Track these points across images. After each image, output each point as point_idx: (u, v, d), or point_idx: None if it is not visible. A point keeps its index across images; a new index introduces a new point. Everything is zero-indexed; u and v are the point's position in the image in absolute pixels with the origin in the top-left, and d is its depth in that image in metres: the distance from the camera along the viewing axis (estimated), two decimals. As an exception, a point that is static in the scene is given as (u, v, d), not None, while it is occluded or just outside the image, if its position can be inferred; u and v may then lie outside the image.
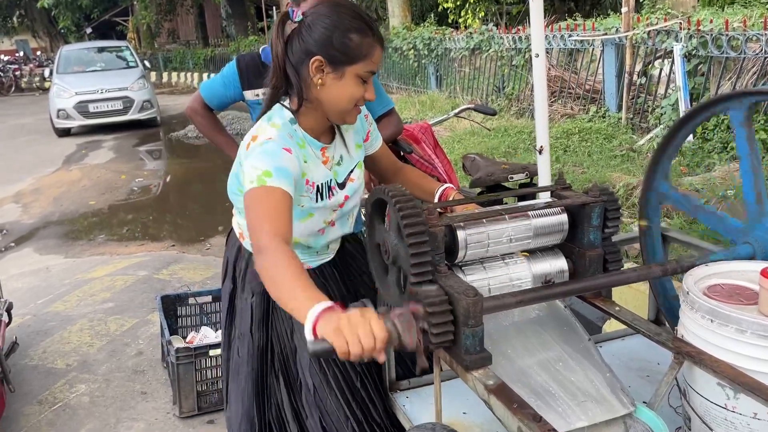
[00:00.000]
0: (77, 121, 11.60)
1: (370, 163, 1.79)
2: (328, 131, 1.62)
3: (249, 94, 2.32)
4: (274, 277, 1.24)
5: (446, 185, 1.75)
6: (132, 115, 11.81)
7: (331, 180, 1.59)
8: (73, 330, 3.67)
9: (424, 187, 1.77)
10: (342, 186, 1.63)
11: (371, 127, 1.75)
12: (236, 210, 1.71)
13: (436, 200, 1.72)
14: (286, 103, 1.54)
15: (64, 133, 11.75)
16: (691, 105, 5.85)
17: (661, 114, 6.20)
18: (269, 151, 1.43)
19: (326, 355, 1.08)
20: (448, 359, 1.26)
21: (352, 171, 1.66)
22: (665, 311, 1.75)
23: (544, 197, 1.60)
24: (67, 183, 8.16)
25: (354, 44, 1.43)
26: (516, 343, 1.45)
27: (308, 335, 1.10)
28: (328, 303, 1.12)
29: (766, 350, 1.11)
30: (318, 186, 1.56)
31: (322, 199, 1.57)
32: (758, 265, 1.25)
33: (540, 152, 2.20)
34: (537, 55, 2.30)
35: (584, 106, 7.53)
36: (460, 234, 1.35)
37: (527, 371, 1.39)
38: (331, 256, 1.74)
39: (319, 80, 1.45)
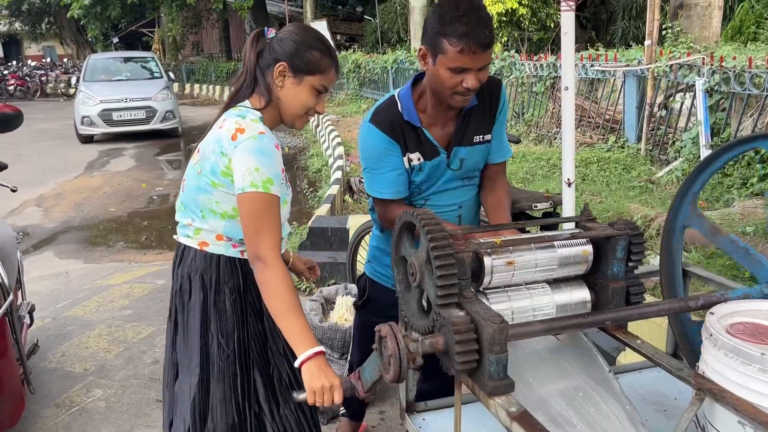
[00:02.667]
0: (101, 129, 11.78)
1: None
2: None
3: (405, 161, 1.96)
4: (279, 295, 1.58)
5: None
6: (154, 125, 11.98)
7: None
8: (91, 335, 3.72)
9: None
10: None
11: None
12: (204, 212, 1.72)
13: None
14: (247, 103, 1.75)
15: (88, 139, 11.94)
16: (712, 139, 5.85)
17: (681, 147, 6.20)
18: (266, 151, 1.62)
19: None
20: (471, 384, 1.28)
21: None
22: (683, 346, 1.76)
23: (569, 227, 1.63)
24: (89, 189, 8.28)
25: (314, 59, 1.70)
26: (537, 371, 1.47)
27: (297, 364, 1.55)
28: (317, 348, 1.54)
29: (788, 391, 1.12)
30: (285, 175, 1.78)
31: (288, 186, 1.80)
32: None
33: (569, 185, 2.23)
34: (567, 88, 2.33)
35: (603, 135, 7.55)
36: (486, 260, 1.37)
37: (548, 399, 1.40)
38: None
39: (281, 83, 1.71)
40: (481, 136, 1.94)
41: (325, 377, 1.50)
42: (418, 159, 1.90)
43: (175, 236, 1.84)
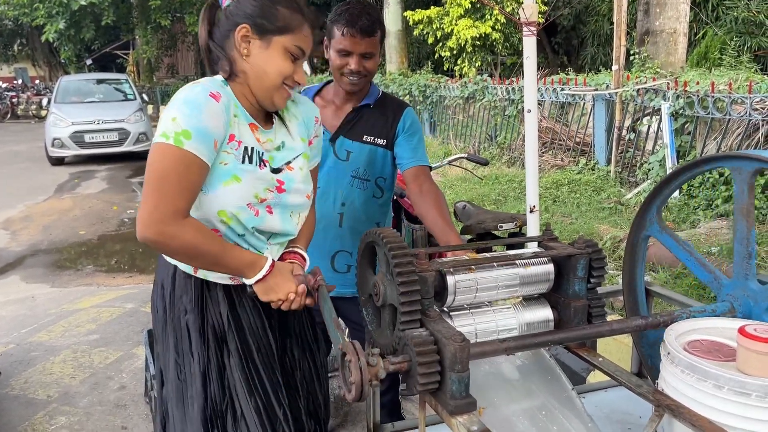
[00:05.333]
0: (72, 151, 11.61)
1: None
2: (263, 117, 1.56)
3: None
4: (202, 253, 1.37)
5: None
6: (127, 147, 11.84)
7: (262, 153, 1.50)
8: (56, 361, 3.62)
9: None
10: (276, 171, 1.53)
11: (317, 139, 1.71)
12: None
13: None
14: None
15: (58, 161, 11.75)
16: (678, 162, 5.98)
17: (649, 169, 6.33)
18: (192, 100, 1.35)
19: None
20: (434, 403, 1.28)
21: (293, 160, 1.57)
22: (647, 364, 1.78)
23: (532, 247, 1.65)
24: (58, 211, 8.14)
25: (281, 15, 1.44)
26: (501, 390, 1.46)
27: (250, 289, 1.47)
28: (266, 267, 1.45)
29: (743, 406, 1.14)
30: (246, 147, 1.47)
31: (250, 162, 1.47)
32: (737, 323, 1.28)
33: (531, 211, 2.26)
34: (529, 111, 2.38)
35: (574, 158, 7.67)
36: (450, 279, 1.37)
37: (511, 419, 1.40)
38: (266, 259, 1.50)
39: (245, 49, 1.44)
40: (371, 138, 2.14)
41: (280, 291, 1.46)
42: None
43: None
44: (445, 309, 1.42)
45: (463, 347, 1.19)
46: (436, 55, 12.79)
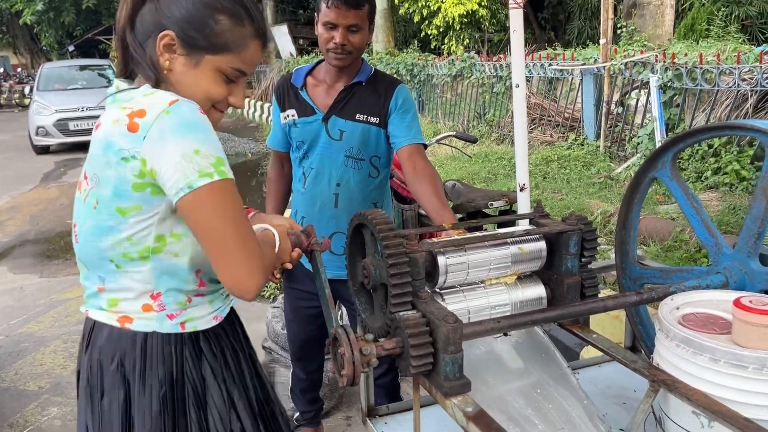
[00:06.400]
0: (57, 139, 11.47)
1: None
2: None
3: (281, 118, 2.19)
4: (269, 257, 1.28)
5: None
6: (112, 134, 11.70)
7: None
8: (46, 352, 3.60)
9: None
10: None
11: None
12: (117, 262, 1.18)
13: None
14: (125, 85, 1.19)
15: (43, 150, 11.61)
16: (667, 135, 5.97)
17: (638, 143, 6.32)
18: (195, 122, 1.08)
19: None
20: (428, 385, 1.26)
21: None
22: (641, 338, 1.77)
23: (523, 225, 1.62)
24: (45, 201, 8.05)
25: (219, 29, 1.14)
26: (495, 369, 1.45)
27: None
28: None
29: (739, 379, 1.12)
30: None
31: None
32: (731, 295, 1.27)
33: (522, 189, 2.23)
34: (517, 86, 2.34)
35: (563, 133, 7.64)
36: (441, 260, 1.35)
37: (506, 398, 1.39)
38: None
39: (167, 62, 1.14)
40: (364, 116, 2.10)
41: (285, 255, 1.37)
42: (292, 115, 2.13)
43: (81, 308, 1.29)
44: (437, 290, 1.40)
45: (455, 328, 1.17)
46: (423, 33, 12.68)
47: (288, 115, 2.15)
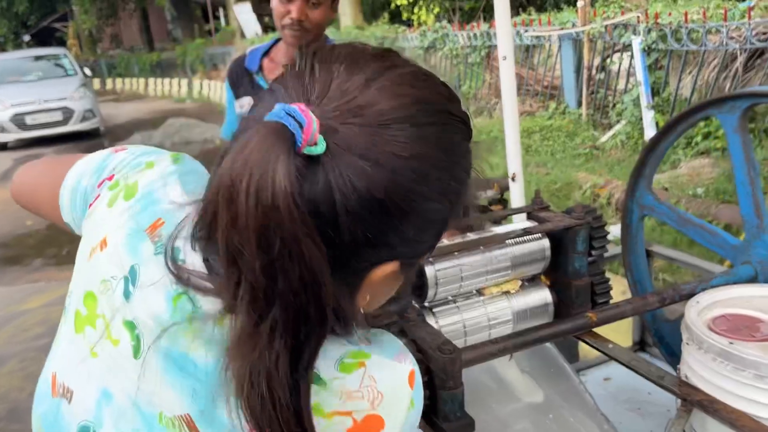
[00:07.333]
0: (14, 134, 11.04)
1: None
2: None
3: (236, 107, 1.95)
4: None
5: None
6: (73, 126, 11.25)
7: None
8: (2, 373, 3.32)
9: None
10: None
11: None
12: None
13: None
14: None
15: (0, 147, 11.13)
16: (653, 99, 5.75)
17: (623, 110, 6.12)
18: None
19: None
20: (425, 428, 1.05)
21: None
22: (654, 334, 1.58)
23: (520, 219, 1.40)
24: (2, 202, 7.61)
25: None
26: (499, 392, 1.30)
27: None
28: None
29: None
30: None
31: None
32: (764, 290, 1.10)
33: (513, 179, 1.94)
34: (504, 58, 2.07)
35: (543, 102, 7.43)
36: (429, 270, 1.14)
37: (514, 427, 1.22)
38: None
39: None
40: None
41: None
42: (249, 103, 1.88)
43: None
44: (427, 305, 1.19)
45: (453, 359, 0.98)
46: (392, 5, 12.31)
47: (244, 104, 1.91)
